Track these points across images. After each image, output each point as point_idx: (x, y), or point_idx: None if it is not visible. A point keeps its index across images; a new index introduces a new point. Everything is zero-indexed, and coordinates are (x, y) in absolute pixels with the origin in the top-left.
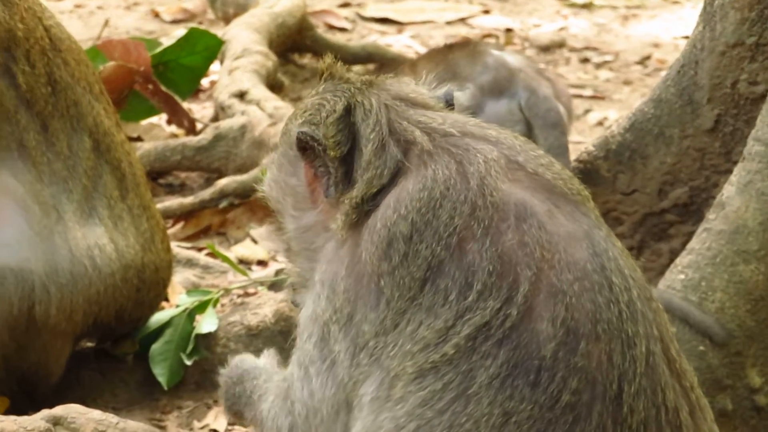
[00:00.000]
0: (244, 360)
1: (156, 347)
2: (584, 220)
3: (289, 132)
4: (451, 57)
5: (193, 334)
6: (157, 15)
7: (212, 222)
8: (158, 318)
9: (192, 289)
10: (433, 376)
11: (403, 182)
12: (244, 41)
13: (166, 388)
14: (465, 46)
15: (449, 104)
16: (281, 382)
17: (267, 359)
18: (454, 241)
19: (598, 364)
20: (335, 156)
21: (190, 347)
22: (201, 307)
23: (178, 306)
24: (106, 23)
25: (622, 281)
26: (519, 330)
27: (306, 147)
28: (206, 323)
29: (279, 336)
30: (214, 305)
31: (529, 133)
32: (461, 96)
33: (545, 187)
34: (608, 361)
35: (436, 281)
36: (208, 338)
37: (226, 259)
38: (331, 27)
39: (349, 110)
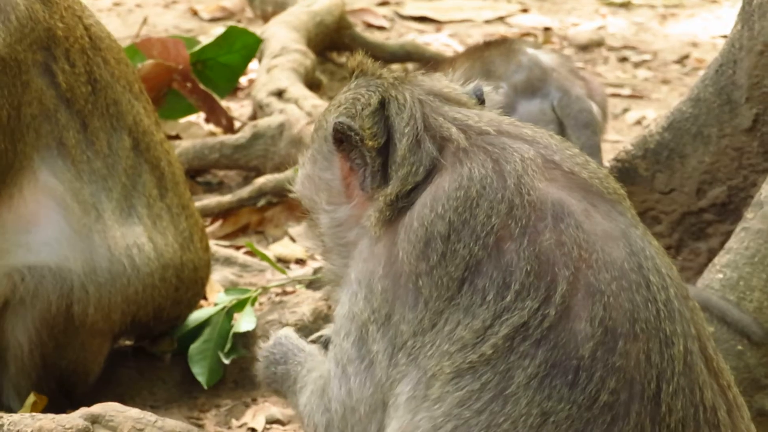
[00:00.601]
0: (288, 337)
1: (195, 346)
2: (621, 219)
3: (323, 126)
4: (487, 55)
5: (231, 333)
6: (195, 13)
7: (250, 220)
8: (196, 316)
9: (230, 287)
10: (470, 376)
11: (439, 180)
12: (283, 40)
13: (205, 387)
14: (501, 44)
15: (480, 100)
16: (318, 378)
17: (311, 345)
18: (491, 240)
19: (636, 364)
20: (373, 146)
21: (228, 346)
22: (239, 306)
23: (216, 304)
24: (145, 21)
25: (660, 280)
26: (557, 330)
27: (342, 138)
28: (244, 322)
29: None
30: (252, 304)
31: (561, 133)
32: (492, 92)
33: (581, 186)
34: (646, 360)
35: (474, 281)
36: (246, 337)
37: (264, 257)
38: (370, 25)
39: (383, 104)
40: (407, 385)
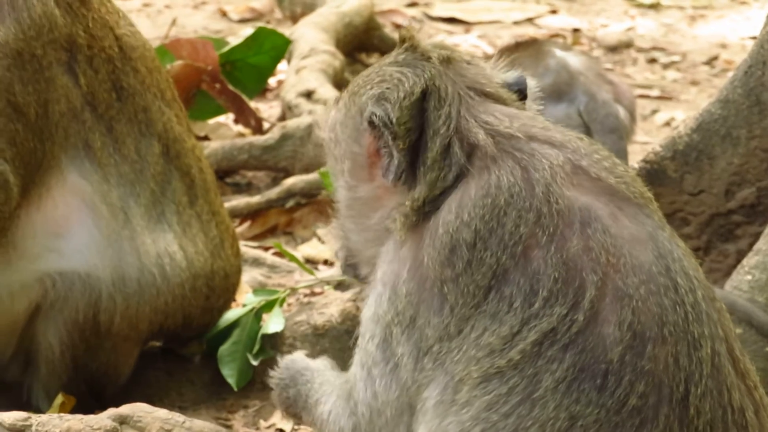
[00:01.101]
0: (294, 361)
1: (224, 348)
2: (648, 221)
3: (361, 95)
4: (516, 56)
5: (260, 334)
6: (224, 14)
7: (279, 221)
8: (225, 318)
9: (259, 288)
10: (498, 380)
11: (465, 186)
12: (312, 41)
13: (235, 389)
14: (531, 45)
15: (521, 92)
16: (344, 383)
17: (321, 361)
18: (519, 249)
19: (665, 367)
20: (403, 147)
21: (256, 347)
22: (268, 307)
23: (244, 305)
24: (174, 22)
25: (687, 282)
26: (585, 334)
27: (375, 125)
28: (273, 323)
29: (345, 335)
30: (281, 305)
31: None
32: (535, 84)
33: (608, 191)
34: (675, 363)
35: (501, 289)
36: (274, 338)
37: (293, 258)
38: (399, 26)
39: (425, 95)
40: (434, 389)
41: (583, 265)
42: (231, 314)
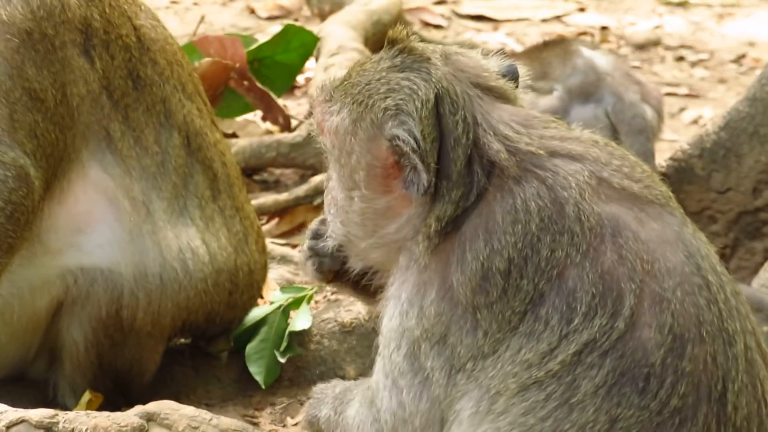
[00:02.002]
0: (321, 389)
1: (252, 346)
2: (673, 221)
3: (371, 108)
4: (545, 56)
5: (287, 332)
6: (252, 11)
7: (306, 219)
8: (253, 315)
9: (286, 285)
10: (536, 389)
11: (488, 209)
12: (340, 38)
13: (263, 386)
14: (559, 44)
15: (514, 81)
16: (366, 390)
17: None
18: (555, 272)
19: (704, 366)
20: (430, 161)
21: (284, 345)
22: (295, 304)
23: (272, 303)
24: (202, 19)
25: (717, 279)
26: (624, 340)
27: (400, 146)
28: (300, 320)
29: (372, 333)
30: (308, 302)
31: (615, 138)
32: (523, 70)
33: (631, 197)
34: (713, 362)
35: (537, 310)
36: (301, 335)
37: None
38: (427, 24)
39: (437, 99)
40: (469, 401)
41: (619, 275)
42: (258, 311)
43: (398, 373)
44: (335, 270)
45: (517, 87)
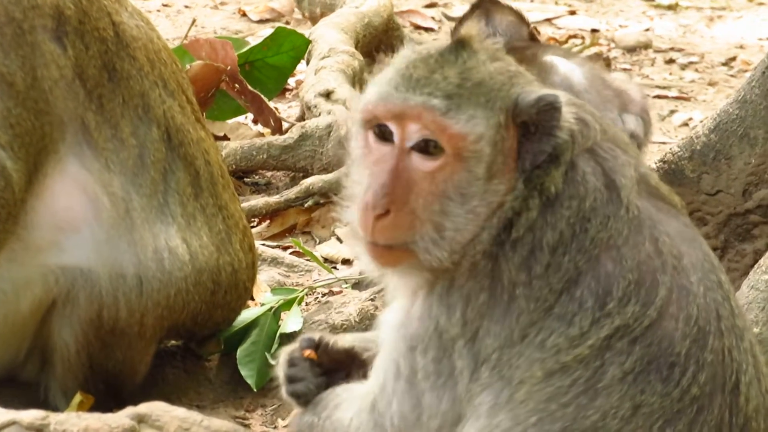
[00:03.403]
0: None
1: (243, 348)
2: (688, 221)
3: (500, 93)
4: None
5: (278, 333)
6: (244, 14)
7: (297, 221)
8: (243, 317)
9: (277, 287)
10: (561, 374)
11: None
12: (331, 41)
13: (255, 389)
14: (532, 59)
15: None
16: (366, 394)
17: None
18: (596, 252)
19: (722, 359)
20: (573, 129)
21: (275, 347)
22: (286, 306)
23: (263, 305)
24: (194, 22)
25: (726, 278)
26: (653, 329)
27: (541, 115)
28: (291, 322)
29: None
30: (299, 304)
31: None
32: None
33: (661, 196)
34: (728, 355)
35: (572, 290)
36: (292, 337)
37: (311, 255)
38: (418, 27)
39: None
40: (489, 395)
41: (655, 266)
42: (249, 313)
43: (422, 376)
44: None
45: None
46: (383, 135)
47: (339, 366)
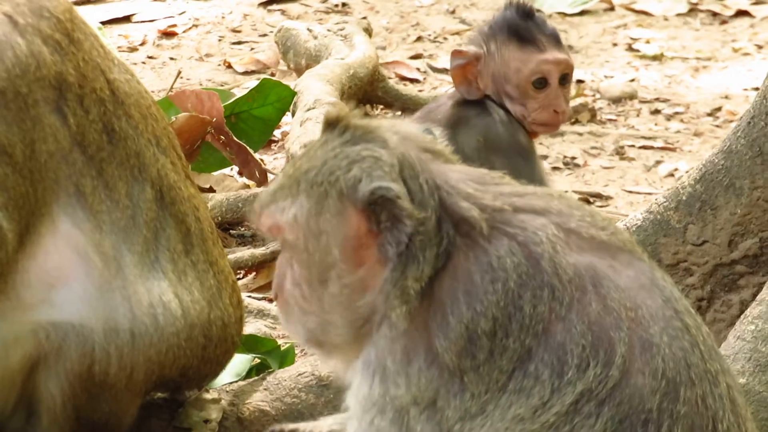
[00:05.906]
0: None
1: None
2: (643, 266)
3: (336, 183)
4: None
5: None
6: (229, 66)
7: None
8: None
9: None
10: None
11: (460, 269)
12: (316, 92)
13: None
14: None
15: None
16: None
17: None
18: (540, 327)
19: (696, 408)
20: (418, 217)
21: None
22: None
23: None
24: (179, 74)
25: (694, 321)
26: (620, 387)
27: (379, 204)
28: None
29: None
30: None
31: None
32: (437, 132)
33: (601, 246)
34: (703, 403)
35: (525, 367)
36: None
37: None
38: (403, 78)
39: (400, 165)
40: None
41: (607, 324)
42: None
43: None
44: None
45: None
46: None
47: None
